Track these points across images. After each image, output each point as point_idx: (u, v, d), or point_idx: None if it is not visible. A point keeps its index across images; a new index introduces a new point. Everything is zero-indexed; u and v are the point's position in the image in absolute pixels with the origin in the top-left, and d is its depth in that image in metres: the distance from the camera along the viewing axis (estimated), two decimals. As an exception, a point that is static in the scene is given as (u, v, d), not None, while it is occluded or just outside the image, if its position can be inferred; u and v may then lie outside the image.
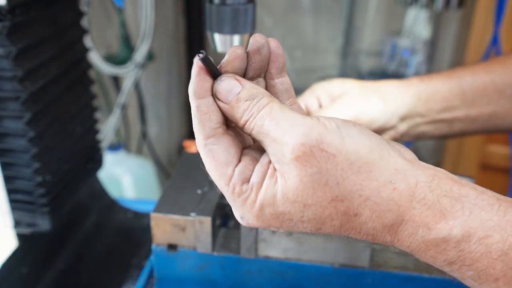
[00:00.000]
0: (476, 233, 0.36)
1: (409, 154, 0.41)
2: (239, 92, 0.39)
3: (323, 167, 0.37)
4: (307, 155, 0.37)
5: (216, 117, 0.40)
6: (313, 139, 0.37)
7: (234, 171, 0.40)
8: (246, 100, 0.39)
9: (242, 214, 0.41)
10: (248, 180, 0.40)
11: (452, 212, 0.37)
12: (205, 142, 0.40)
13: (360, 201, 0.38)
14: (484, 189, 0.39)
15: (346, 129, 0.39)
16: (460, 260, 0.37)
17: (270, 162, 0.40)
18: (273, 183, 0.39)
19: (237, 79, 0.40)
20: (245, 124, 0.39)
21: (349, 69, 2.04)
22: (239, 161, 0.41)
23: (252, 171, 0.40)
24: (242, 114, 0.39)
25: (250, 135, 0.40)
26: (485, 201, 0.38)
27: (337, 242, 0.58)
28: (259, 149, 0.43)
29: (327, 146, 0.37)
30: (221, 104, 0.40)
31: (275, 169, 0.39)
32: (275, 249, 0.60)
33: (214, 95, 0.41)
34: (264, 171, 0.40)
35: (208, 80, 0.40)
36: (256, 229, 0.59)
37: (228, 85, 0.40)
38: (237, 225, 0.65)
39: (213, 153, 0.40)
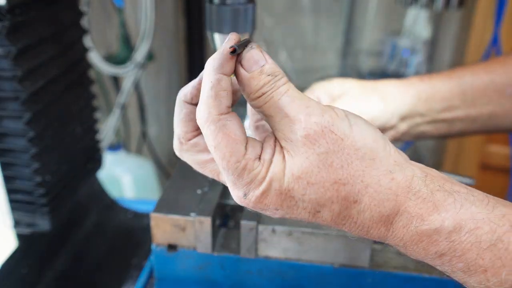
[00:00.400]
0: (466, 225, 0.38)
1: (403, 154, 0.43)
2: (263, 65, 0.40)
3: (330, 149, 0.39)
4: (317, 134, 0.38)
5: (230, 98, 0.40)
6: (325, 120, 0.39)
7: (246, 148, 0.40)
8: (269, 75, 0.40)
9: (246, 190, 0.41)
10: (259, 157, 0.40)
11: (444, 205, 0.39)
12: (219, 117, 0.39)
13: (361, 187, 0.39)
14: (473, 188, 0.41)
15: (354, 118, 0.41)
16: (451, 251, 0.38)
17: (275, 140, 0.41)
18: (281, 159, 0.40)
19: (263, 53, 0.41)
20: (260, 96, 0.40)
21: (349, 69, 2.04)
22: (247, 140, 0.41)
23: (261, 148, 0.41)
24: (262, 86, 0.40)
25: (259, 109, 0.41)
26: (475, 197, 0.39)
27: (337, 242, 0.58)
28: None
29: (337, 129, 0.39)
30: (242, 71, 0.40)
31: (281, 147, 0.40)
32: (275, 249, 0.60)
33: (237, 63, 0.41)
34: (272, 148, 0.41)
35: (234, 60, 0.40)
36: (256, 229, 0.59)
37: (255, 55, 0.40)
38: (237, 225, 0.65)
39: (227, 129, 0.39)
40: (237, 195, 0.42)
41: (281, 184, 0.40)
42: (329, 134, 0.39)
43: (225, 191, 0.67)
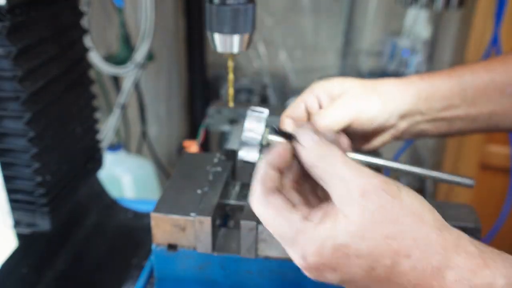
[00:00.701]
0: None
1: None
2: (318, 140, 0.47)
3: (383, 205, 0.42)
4: (371, 193, 0.43)
5: (277, 182, 0.48)
6: (377, 181, 0.43)
7: (295, 214, 0.45)
8: (323, 146, 0.47)
9: (303, 253, 0.44)
10: (308, 219, 0.45)
11: (493, 263, 0.41)
12: (266, 198, 0.46)
13: (411, 242, 0.42)
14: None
15: (401, 185, 0.45)
16: None
17: (328, 203, 0.45)
18: (333, 218, 0.43)
19: (315, 130, 0.48)
20: (317, 165, 0.46)
21: (349, 69, 2.04)
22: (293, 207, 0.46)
23: (310, 213, 0.46)
24: (318, 158, 0.46)
25: (317, 176, 0.46)
26: None
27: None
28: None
29: (388, 189, 0.43)
30: (299, 146, 0.48)
31: (334, 208, 0.44)
32: (275, 249, 0.60)
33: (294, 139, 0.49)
34: (324, 210, 0.45)
35: (285, 156, 0.49)
36: (256, 229, 0.59)
37: (309, 132, 0.48)
38: (237, 225, 0.65)
39: (273, 205, 0.46)
40: (297, 260, 0.46)
41: (334, 241, 0.42)
42: (381, 193, 0.43)
43: (225, 191, 0.67)
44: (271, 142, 0.66)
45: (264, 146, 0.68)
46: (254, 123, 0.64)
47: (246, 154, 0.66)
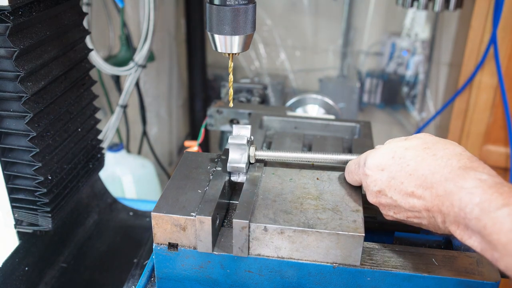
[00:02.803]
0: None
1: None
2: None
3: (421, 137, 0.65)
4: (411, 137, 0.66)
5: None
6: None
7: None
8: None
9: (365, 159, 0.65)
10: None
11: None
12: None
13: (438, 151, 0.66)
14: None
15: None
16: None
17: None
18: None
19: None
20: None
21: (349, 69, 2.04)
22: None
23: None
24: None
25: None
26: None
27: (328, 241, 0.59)
28: None
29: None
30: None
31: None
32: (267, 247, 0.60)
33: None
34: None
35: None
36: (248, 227, 0.59)
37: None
38: (230, 224, 0.66)
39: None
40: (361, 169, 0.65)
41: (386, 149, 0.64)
42: (419, 136, 0.65)
43: (225, 190, 0.67)
44: (259, 157, 0.72)
45: (252, 163, 0.71)
46: (236, 155, 0.67)
47: (236, 178, 0.71)
